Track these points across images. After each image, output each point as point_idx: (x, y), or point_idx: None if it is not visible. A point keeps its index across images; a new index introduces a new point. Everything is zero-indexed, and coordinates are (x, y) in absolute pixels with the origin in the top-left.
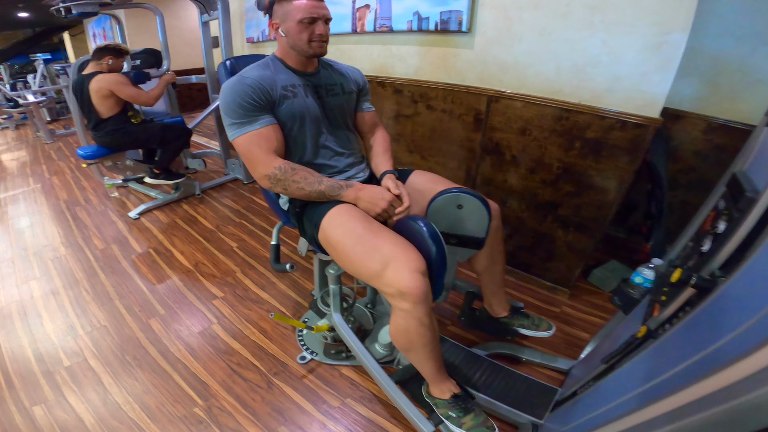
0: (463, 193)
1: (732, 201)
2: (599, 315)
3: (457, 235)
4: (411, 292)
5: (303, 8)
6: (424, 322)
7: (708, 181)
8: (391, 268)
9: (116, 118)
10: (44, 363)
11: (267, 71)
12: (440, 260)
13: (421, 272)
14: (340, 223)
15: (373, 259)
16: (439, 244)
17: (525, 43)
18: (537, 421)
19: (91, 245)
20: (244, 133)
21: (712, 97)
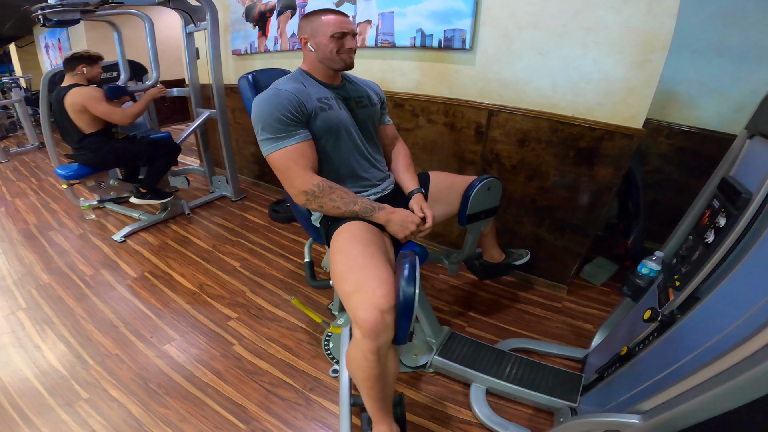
0: (489, 179)
1: (728, 201)
2: (597, 307)
3: (485, 210)
4: (362, 324)
5: (333, 23)
6: (369, 359)
7: (674, 181)
8: (357, 296)
9: (101, 133)
10: (59, 396)
11: (300, 85)
12: (406, 306)
13: (381, 310)
14: (343, 239)
15: (348, 281)
16: (410, 289)
17: (524, 60)
18: (572, 404)
19: (78, 271)
20: (282, 148)
21: (672, 106)
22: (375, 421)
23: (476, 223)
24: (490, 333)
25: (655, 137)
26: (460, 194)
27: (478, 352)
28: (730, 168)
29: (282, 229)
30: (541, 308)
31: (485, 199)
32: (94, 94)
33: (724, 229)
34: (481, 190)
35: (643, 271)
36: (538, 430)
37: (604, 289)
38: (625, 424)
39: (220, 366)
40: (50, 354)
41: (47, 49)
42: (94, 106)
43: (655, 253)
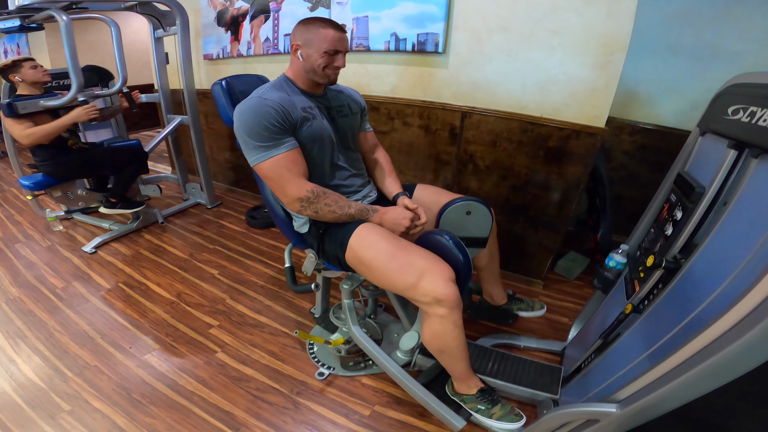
0: (471, 201)
1: (683, 195)
2: (572, 300)
3: (466, 238)
4: (447, 299)
5: (330, 39)
6: (459, 325)
7: (637, 176)
8: (426, 279)
9: (52, 146)
10: (39, 409)
11: (283, 93)
12: (467, 268)
13: (453, 281)
14: (371, 242)
15: (408, 272)
16: (464, 253)
17: (495, 63)
18: (554, 396)
19: (48, 284)
20: (272, 157)
21: (632, 104)
22: (466, 379)
23: None
24: (471, 330)
25: (618, 135)
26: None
27: None
28: (685, 164)
29: (260, 235)
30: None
31: (465, 223)
32: None
33: (681, 222)
34: (457, 211)
35: (611, 264)
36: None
37: (577, 282)
38: (603, 414)
39: (204, 374)
40: (26, 367)
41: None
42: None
43: (621, 246)
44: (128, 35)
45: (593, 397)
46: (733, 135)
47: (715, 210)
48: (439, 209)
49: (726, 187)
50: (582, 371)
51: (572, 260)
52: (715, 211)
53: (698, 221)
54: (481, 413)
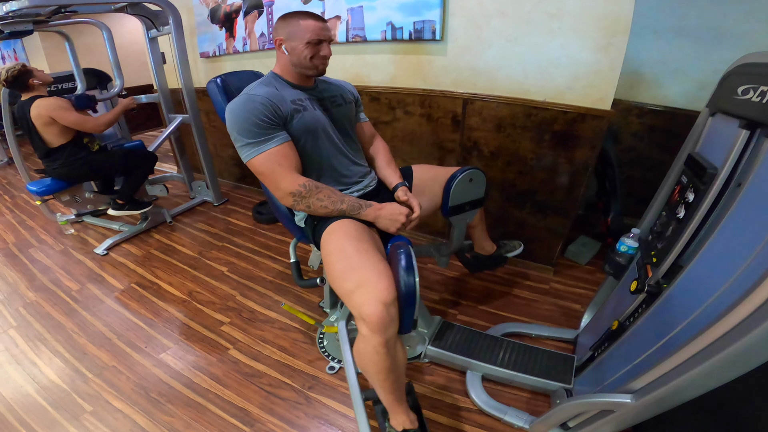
0: (471, 170)
1: (695, 176)
2: (584, 286)
3: (470, 202)
4: (369, 319)
5: (312, 30)
6: (379, 351)
7: (647, 158)
8: (359, 293)
9: (70, 146)
10: (64, 410)
11: (272, 88)
12: (409, 295)
13: (385, 303)
14: (335, 238)
15: (348, 279)
16: (411, 278)
17: (494, 48)
18: (567, 386)
19: (63, 287)
20: (263, 152)
21: (639, 86)
22: (391, 411)
23: (461, 215)
24: (482, 319)
25: (626, 117)
26: (443, 185)
27: (471, 339)
28: (695, 145)
29: (267, 230)
30: (529, 291)
31: (468, 190)
32: (60, 104)
33: (693, 204)
34: (462, 182)
35: (622, 249)
36: (536, 412)
37: (589, 267)
38: (618, 404)
39: (218, 371)
40: (48, 369)
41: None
42: (63, 116)
43: (632, 231)
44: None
45: (608, 387)
46: (744, 115)
47: (728, 192)
48: (443, 184)
49: (739, 168)
50: (596, 360)
51: (583, 245)
52: (729, 193)
53: (711, 203)
54: None
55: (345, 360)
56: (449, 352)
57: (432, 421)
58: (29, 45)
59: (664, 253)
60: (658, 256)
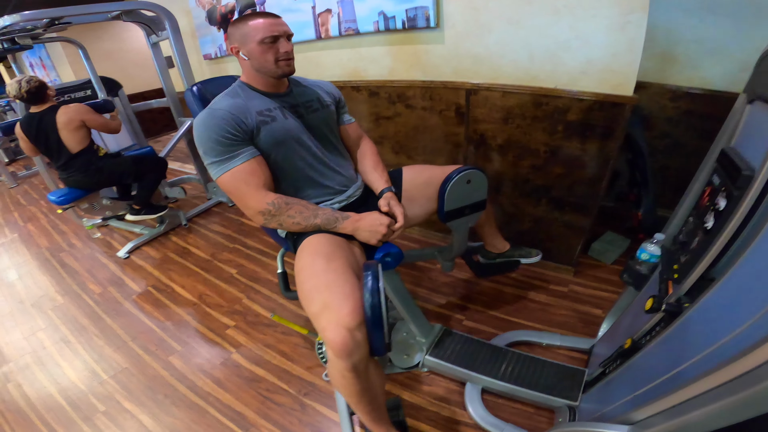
0: (468, 170)
1: (728, 178)
2: (607, 289)
3: (470, 205)
4: (332, 345)
5: (262, 28)
6: (346, 376)
7: (683, 145)
8: (323, 316)
9: (86, 152)
10: (80, 410)
11: (237, 99)
12: (375, 319)
13: (349, 328)
14: (306, 255)
15: (314, 300)
16: (376, 301)
17: (495, 33)
18: (572, 403)
19: (88, 290)
20: (228, 170)
21: (672, 68)
22: (372, 429)
23: (461, 219)
24: (490, 326)
25: (658, 101)
26: (437, 188)
27: (473, 349)
28: (730, 138)
29: None
30: (545, 294)
31: (466, 193)
32: (87, 108)
33: (725, 213)
34: (458, 184)
35: (643, 257)
36: (538, 429)
37: (615, 267)
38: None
39: (220, 374)
40: (70, 371)
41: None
42: (92, 118)
43: (655, 236)
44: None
45: (610, 413)
46: None
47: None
48: (438, 185)
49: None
50: (606, 377)
51: (609, 242)
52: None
53: (747, 213)
54: None
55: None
56: (448, 363)
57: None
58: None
59: (687, 267)
60: (681, 271)
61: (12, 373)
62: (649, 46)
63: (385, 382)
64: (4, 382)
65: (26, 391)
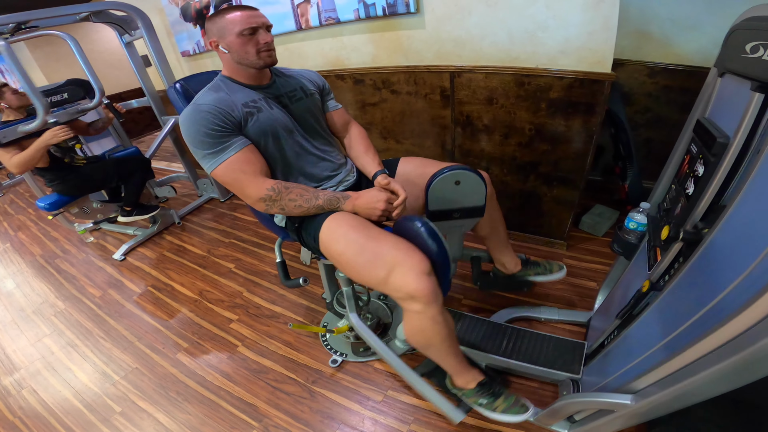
0: (458, 170)
1: (704, 146)
2: (600, 261)
3: (460, 209)
4: (420, 294)
5: (240, 20)
6: (438, 320)
7: (664, 118)
8: (397, 273)
9: (53, 168)
10: (98, 412)
11: (221, 93)
12: (442, 257)
13: (427, 273)
14: (340, 234)
15: (378, 266)
16: (438, 241)
17: (474, 15)
18: (574, 376)
19: (88, 294)
20: (223, 161)
21: (647, 45)
22: (458, 373)
23: (449, 222)
24: (489, 303)
25: (637, 77)
26: None
27: (474, 327)
28: (705, 110)
29: None
30: None
31: (455, 194)
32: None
33: (704, 178)
34: (444, 182)
35: (630, 225)
36: (543, 402)
37: (606, 239)
38: (617, 405)
39: (228, 368)
40: (81, 373)
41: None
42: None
43: (641, 205)
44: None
45: (611, 383)
46: (755, 76)
47: (744, 164)
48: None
49: (756, 137)
50: (605, 348)
51: (599, 214)
52: (745, 166)
53: (724, 178)
54: (482, 407)
55: (378, 349)
56: None
57: (432, 412)
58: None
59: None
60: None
61: (25, 380)
62: (624, 24)
63: None
64: (18, 388)
65: (42, 397)
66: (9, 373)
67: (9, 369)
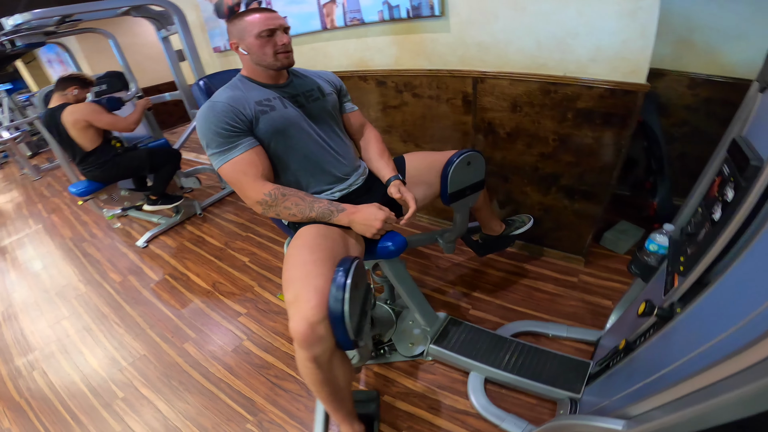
0: (467, 153)
1: (736, 168)
2: (618, 279)
3: (470, 185)
4: (294, 336)
5: (258, 22)
6: (307, 366)
7: (703, 133)
8: (292, 307)
9: (101, 149)
10: (101, 396)
11: (237, 91)
12: (334, 316)
13: (310, 322)
14: (295, 245)
15: (288, 291)
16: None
17: (501, 20)
18: (574, 395)
19: (109, 279)
20: (228, 161)
21: (689, 55)
22: (341, 423)
23: (463, 200)
24: (497, 315)
25: (676, 88)
26: (440, 173)
27: (477, 338)
28: (742, 127)
29: None
30: (554, 284)
31: (466, 174)
32: (95, 108)
33: (732, 204)
34: (460, 166)
35: (651, 247)
36: (538, 420)
37: (628, 257)
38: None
39: (231, 361)
40: (92, 358)
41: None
42: (98, 119)
43: (664, 226)
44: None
45: (609, 406)
46: None
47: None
48: (440, 171)
49: None
50: (610, 370)
51: (622, 231)
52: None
53: (754, 204)
54: None
55: None
56: (451, 352)
57: (427, 421)
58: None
59: (693, 260)
60: (687, 264)
61: (38, 361)
62: (665, 32)
63: (351, 376)
64: (30, 369)
65: (51, 379)
66: (24, 353)
67: (24, 350)
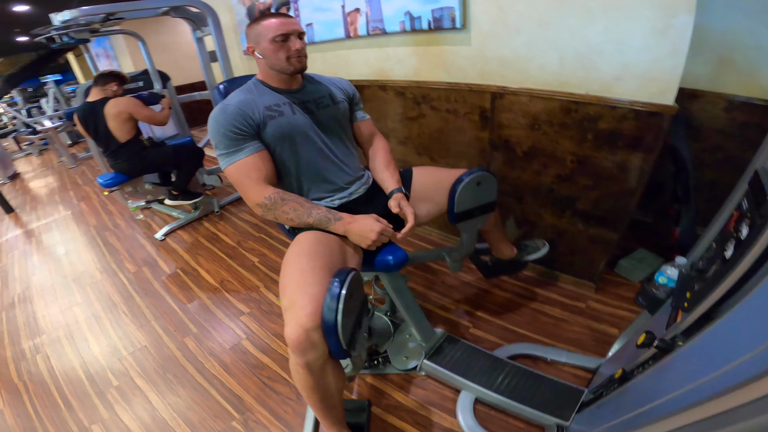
0: (477, 173)
1: (755, 203)
2: (628, 308)
3: (479, 207)
4: (288, 341)
5: (274, 27)
6: (299, 371)
7: (737, 159)
8: (288, 312)
9: (132, 142)
10: (96, 384)
11: (249, 95)
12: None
13: (305, 328)
14: (293, 251)
15: (285, 296)
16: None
17: (523, 34)
18: (562, 423)
19: (124, 269)
20: (233, 163)
21: (727, 75)
22: (324, 428)
23: (471, 221)
24: (497, 336)
25: (710, 111)
26: (447, 190)
27: (472, 357)
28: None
29: None
30: (561, 308)
31: (476, 195)
32: (136, 101)
33: (745, 243)
34: (469, 186)
35: (660, 280)
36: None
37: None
38: None
39: (227, 359)
40: (95, 346)
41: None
42: (139, 111)
43: (676, 259)
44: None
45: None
46: None
47: None
48: (448, 188)
49: None
50: (602, 398)
51: (639, 259)
52: None
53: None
54: None
55: None
56: (445, 369)
57: None
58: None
59: (698, 298)
60: (692, 300)
61: (43, 345)
62: (701, 51)
63: (343, 385)
64: (34, 353)
65: (53, 364)
66: (31, 337)
67: (33, 333)
